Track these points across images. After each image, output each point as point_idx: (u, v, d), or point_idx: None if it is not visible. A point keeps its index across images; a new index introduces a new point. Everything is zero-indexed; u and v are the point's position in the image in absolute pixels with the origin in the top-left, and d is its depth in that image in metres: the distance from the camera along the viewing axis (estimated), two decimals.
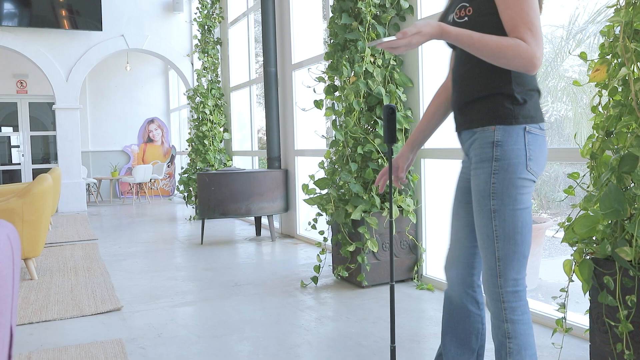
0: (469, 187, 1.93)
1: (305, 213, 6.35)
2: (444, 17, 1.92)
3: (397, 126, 4.19)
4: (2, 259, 1.49)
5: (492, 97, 1.76)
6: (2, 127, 13.28)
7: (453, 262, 2.01)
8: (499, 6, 1.68)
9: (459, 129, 1.90)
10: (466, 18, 1.76)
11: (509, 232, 1.72)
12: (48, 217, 5.01)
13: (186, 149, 9.51)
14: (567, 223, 2.53)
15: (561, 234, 5.52)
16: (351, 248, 4.10)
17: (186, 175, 8.59)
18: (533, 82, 1.77)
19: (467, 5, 1.77)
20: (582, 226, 2.41)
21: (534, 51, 1.60)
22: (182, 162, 12.23)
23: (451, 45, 1.91)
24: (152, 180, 11.66)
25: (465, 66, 1.83)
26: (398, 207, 4.18)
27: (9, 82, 11.71)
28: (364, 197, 4.11)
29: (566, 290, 2.49)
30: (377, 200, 4.10)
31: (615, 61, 2.47)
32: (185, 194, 8.69)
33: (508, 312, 1.75)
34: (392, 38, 1.63)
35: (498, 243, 1.74)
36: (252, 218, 7.14)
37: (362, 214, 4.05)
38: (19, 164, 12.41)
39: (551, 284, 5.43)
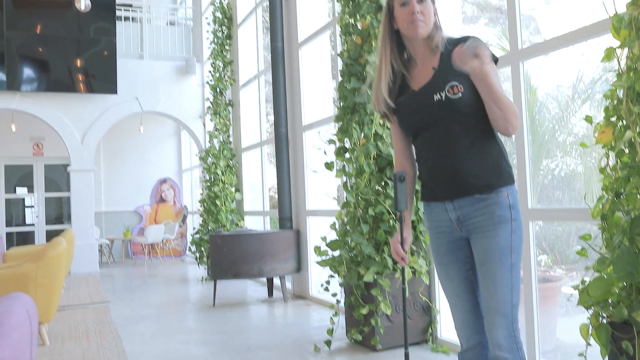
0: (452, 246, 2.12)
1: (317, 273, 6.32)
2: (420, 97, 2.06)
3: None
4: (22, 334, 1.51)
5: (496, 164, 2.02)
6: (16, 188, 13.49)
7: (463, 321, 2.13)
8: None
9: (455, 197, 2.05)
10: (460, 94, 1.97)
11: (519, 282, 1.99)
12: (62, 281, 5.02)
13: (198, 209, 9.58)
14: (581, 286, 2.51)
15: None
16: (364, 310, 4.07)
17: (198, 235, 8.62)
18: (504, 148, 2.06)
19: (457, 84, 1.98)
20: (597, 289, 2.40)
21: (516, 116, 1.92)
22: (194, 221, 12.29)
23: (414, 128, 2.11)
24: (164, 240, 11.69)
25: (460, 142, 2.01)
26: (410, 268, 4.17)
27: (26, 145, 11.97)
28: (376, 259, 4.10)
29: (584, 355, 2.46)
30: (390, 262, 4.09)
31: (621, 123, 2.51)
32: (197, 255, 8.70)
33: (521, 352, 1.98)
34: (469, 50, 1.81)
35: (514, 292, 1.98)
36: (264, 278, 7.11)
37: (375, 276, 4.04)
38: (33, 224, 12.53)
39: (569, 344, 5.31)
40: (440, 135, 2.04)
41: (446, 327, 4.27)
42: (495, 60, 2.00)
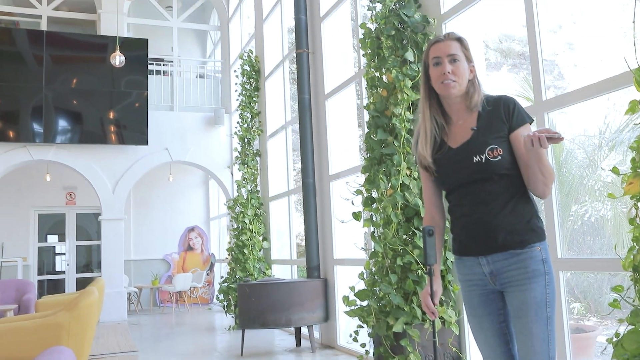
0: (486, 299, 2.16)
1: (345, 323, 6.28)
2: (459, 156, 2.13)
3: None
4: None
5: (530, 221, 2.08)
6: (48, 237, 13.77)
7: None
8: (518, 146, 2.06)
9: (488, 252, 2.10)
10: (500, 157, 2.06)
11: (554, 334, 2.02)
12: (93, 330, 5.09)
13: (226, 257, 9.65)
14: (615, 338, 2.49)
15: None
16: None
17: (226, 284, 8.66)
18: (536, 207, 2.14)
19: (497, 146, 2.07)
20: (632, 342, 2.38)
21: (553, 177, 2.03)
22: (221, 270, 12.34)
23: (451, 186, 2.18)
24: (191, 289, 11.75)
25: (496, 201, 2.08)
26: (440, 318, 4.15)
27: (60, 194, 12.28)
28: (405, 309, 4.10)
29: None
30: (419, 312, 4.08)
31: None
32: (225, 303, 8.71)
33: None
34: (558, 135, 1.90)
35: (551, 345, 2.01)
36: (292, 328, 7.09)
37: (404, 326, 4.02)
38: (63, 272, 12.71)
39: None
40: (477, 193, 2.10)
41: None
42: (531, 122, 2.12)
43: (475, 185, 2.10)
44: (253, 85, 9.26)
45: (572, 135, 7.68)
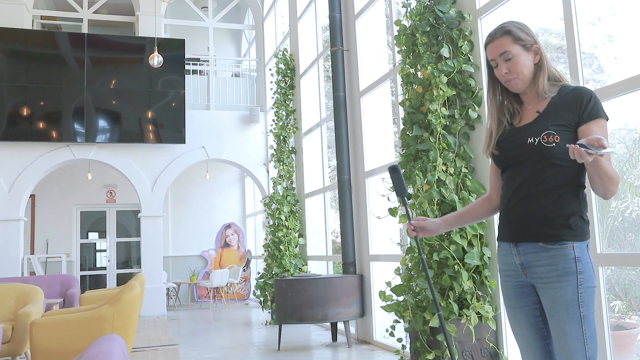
0: (520, 292, 2.13)
1: (381, 318, 6.32)
2: (517, 135, 2.11)
3: (473, 232, 4.24)
4: None
5: (569, 218, 2.01)
6: (89, 234, 14.15)
7: None
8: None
9: (519, 240, 2.09)
10: (554, 144, 2.00)
11: (594, 333, 1.97)
12: (135, 324, 5.24)
13: (262, 254, 9.77)
14: None
15: None
16: (430, 356, 4.06)
17: (262, 280, 8.78)
18: (586, 206, 2.06)
19: (554, 133, 2.01)
20: None
21: (617, 180, 1.92)
22: (257, 266, 12.49)
23: (505, 164, 2.14)
24: (228, 284, 11.92)
25: (539, 187, 2.04)
26: (477, 313, 4.15)
27: (101, 192, 12.61)
28: (442, 304, 4.11)
29: None
30: (455, 307, 4.09)
31: None
32: (262, 299, 8.83)
33: None
34: (611, 150, 1.80)
35: (588, 344, 1.96)
36: (328, 323, 7.15)
37: None
38: (104, 268, 13.05)
39: None
40: (523, 175, 2.07)
41: None
42: (607, 119, 2.02)
43: (524, 167, 2.06)
44: (288, 83, 9.35)
45: (612, 129, 7.54)
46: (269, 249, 8.84)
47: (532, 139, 2.04)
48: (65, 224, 12.28)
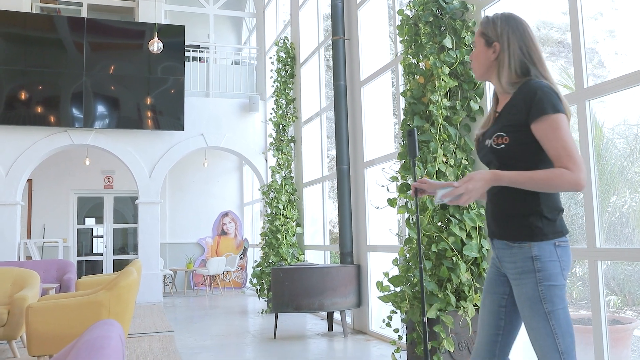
0: (496, 279, 2.20)
1: (377, 309, 6.33)
2: (482, 137, 2.20)
3: (472, 224, 4.24)
4: (119, 359, 1.64)
5: (526, 217, 2.04)
6: (86, 219, 14.13)
7: (476, 350, 2.21)
8: (541, 139, 1.98)
9: (492, 236, 2.18)
10: (503, 146, 2.05)
11: (566, 328, 1.98)
12: (132, 309, 5.25)
13: (260, 242, 9.77)
14: None
15: None
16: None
17: (259, 268, 8.78)
18: (558, 203, 2.07)
19: (504, 135, 2.05)
20: None
21: (578, 176, 1.90)
22: (254, 254, 12.50)
23: (485, 159, 2.19)
24: (225, 272, 11.93)
25: (499, 189, 2.09)
26: (474, 305, 4.15)
27: (98, 178, 12.58)
28: (439, 295, 4.11)
29: None
30: (453, 299, 4.09)
31: None
32: (258, 287, 8.84)
33: None
34: (449, 189, 1.98)
35: (559, 339, 1.97)
36: (324, 312, 7.17)
37: (438, 313, 4.04)
38: (101, 254, 13.05)
39: None
40: None
41: None
42: (556, 112, 1.97)
43: (490, 169, 2.12)
44: (288, 72, 9.31)
45: (613, 125, 7.53)
46: (267, 237, 8.83)
47: (488, 141, 2.12)
48: (62, 209, 12.26)
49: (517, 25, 2.12)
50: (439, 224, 4.38)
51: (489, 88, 4.48)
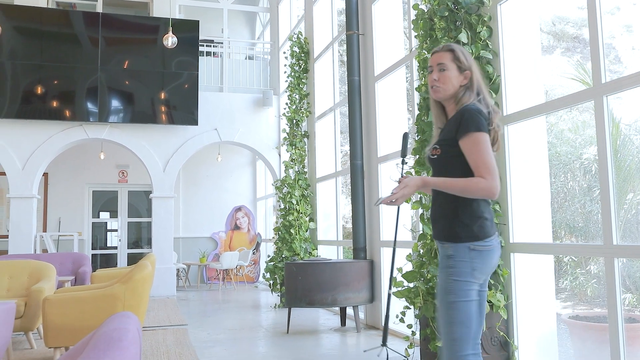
0: None
1: (390, 304, 6.31)
2: (426, 151, 2.58)
3: None
4: (136, 350, 1.66)
5: (448, 221, 2.38)
6: (100, 213, 14.25)
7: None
8: (465, 153, 2.33)
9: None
10: (436, 156, 2.44)
11: (463, 319, 2.29)
12: (146, 303, 5.28)
13: (272, 237, 9.80)
14: None
15: None
16: (440, 343, 4.05)
17: (272, 263, 8.81)
18: (479, 211, 2.34)
19: (438, 147, 2.44)
20: None
21: (491, 184, 2.25)
22: (267, 249, 12.53)
23: (428, 166, 2.56)
24: (238, 267, 11.98)
25: (437, 195, 2.46)
26: (488, 302, 4.13)
27: (113, 172, 12.67)
28: None
29: None
30: None
31: None
32: (271, 282, 8.87)
33: None
34: (389, 195, 2.35)
35: (452, 327, 2.30)
36: (337, 307, 7.18)
37: None
38: (115, 247, 13.15)
39: None
40: None
41: None
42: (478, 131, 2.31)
43: (429, 174, 2.49)
44: (302, 66, 9.31)
45: (630, 121, 7.45)
46: (280, 232, 8.85)
47: (428, 152, 2.51)
48: (77, 202, 12.36)
49: (472, 59, 2.51)
50: None
51: (504, 83, 4.44)
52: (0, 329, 4.04)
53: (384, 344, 4.28)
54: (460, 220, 2.33)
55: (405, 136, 3.04)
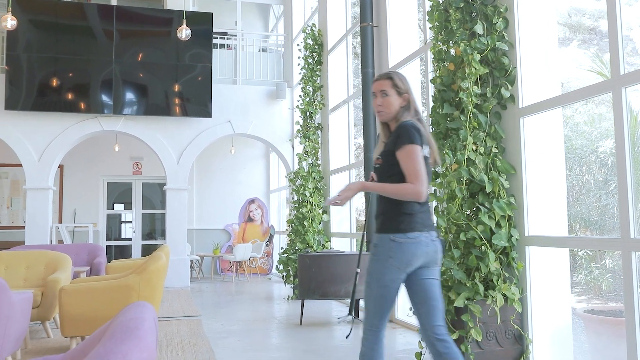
0: None
1: (403, 297, 6.30)
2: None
3: (501, 213, 4.19)
4: (152, 339, 1.67)
5: (378, 216, 2.81)
6: (114, 205, 14.36)
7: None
8: (400, 162, 2.71)
9: None
10: (379, 165, 2.83)
11: (373, 295, 2.74)
12: (161, 293, 5.32)
13: (286, 229, 9.81)
14: None
15: None
16: (454, 336, 4.05)
17: (285, 255, 8.83)
18: (407, 209, 2.72)
19: (380, 157, 2.82)
20: None
21: (419, 189, 2.65)
22: (280, 241, 12.57)
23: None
24: (251, 259, 12.03)
25: (379, 197, 2.85)
26: (502, 295, 4.12)
27: (127, 164, 12.75)
28: (467, 284, 4.08)
29: None
30: (481, 288, 4.06)
31: None
32: (284, 274, 8.89)
33: (363, 346, 2.79)
34: (336, 196, 2.76)
35: (367, 301, 2.78)
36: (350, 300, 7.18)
37: (466, 301, 4.02)
38: (129, 239, 13.25)
39: None
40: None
41: (539, 357, 4.17)
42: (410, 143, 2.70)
43: (374, 180, 2.88)
44: (315, 59, 9.28)
45: None
46: (293, 224, 8.87)
47: (374, 161, 2.90)
48: (92, 194, 12.46)
49: (409, 83, 2.90)
50: (468, 212, 4.34)
51: (521, 75, 4.40)
52: (18, 317, 4.09)
53: (350, 314, 4.83)
54: (389, 216, 2.74)
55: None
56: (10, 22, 6.33)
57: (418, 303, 2.81)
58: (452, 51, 4.65)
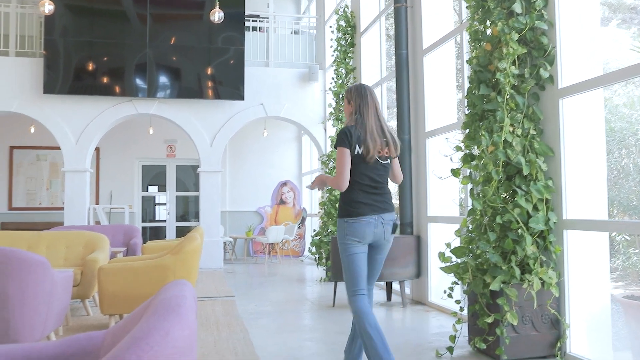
0: None
1: (437, 280, 6.29)
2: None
3: (539, 196, 4.12)
4: (193, 318, 1.69)
5: (339, 204, 3.53)
6: (149, 187, 14.58)
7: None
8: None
9: None
10: (332, 161, 3.66)
11: (348, 268, 3.43)
12: (196, 274, 5.40)
13: (318, 212, 9.83)
14: None
15: None
16: (489, 320, 4.02)
17: (318, 237, 8.86)
18: (353, 198, 3.41)
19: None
20: None
21: (338, 182, 3.38)
22: (312, 224, 12.61)
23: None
24: (283, 241, 12.11)
25: None
26: (539, 279, 4.06)
27: (161, 147, 12.92)
28: (503, 268, 4.04)
29: None
30: (517, 272, 4.01)
31: None
32: (317, 256, 8.93)
33: (352, 308, 3.44)
34: (311, 182, 3.65)
35: (345, 274, 3.45)
36: (383, 282, 7.19)
37: (502, 285, 3.98)
38: (164, 220, 13.47)
39: None
40: None
41: (577, 342, 4.11)
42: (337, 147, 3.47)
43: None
44: (348, 41, 9.21)
45: None
46: (326, 207, 8.88)
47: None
48: (127, 176, 12.69)
49: (360, 92, 3.54)
50: (504, 195, 4.28)
51: (560, 55, 4.29)
52: (60, 295, 4.21)
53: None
54: (342, 204, 3.47)
55: None
56: (48, 7, 6.42)
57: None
58: (489, 31, 4.56)
